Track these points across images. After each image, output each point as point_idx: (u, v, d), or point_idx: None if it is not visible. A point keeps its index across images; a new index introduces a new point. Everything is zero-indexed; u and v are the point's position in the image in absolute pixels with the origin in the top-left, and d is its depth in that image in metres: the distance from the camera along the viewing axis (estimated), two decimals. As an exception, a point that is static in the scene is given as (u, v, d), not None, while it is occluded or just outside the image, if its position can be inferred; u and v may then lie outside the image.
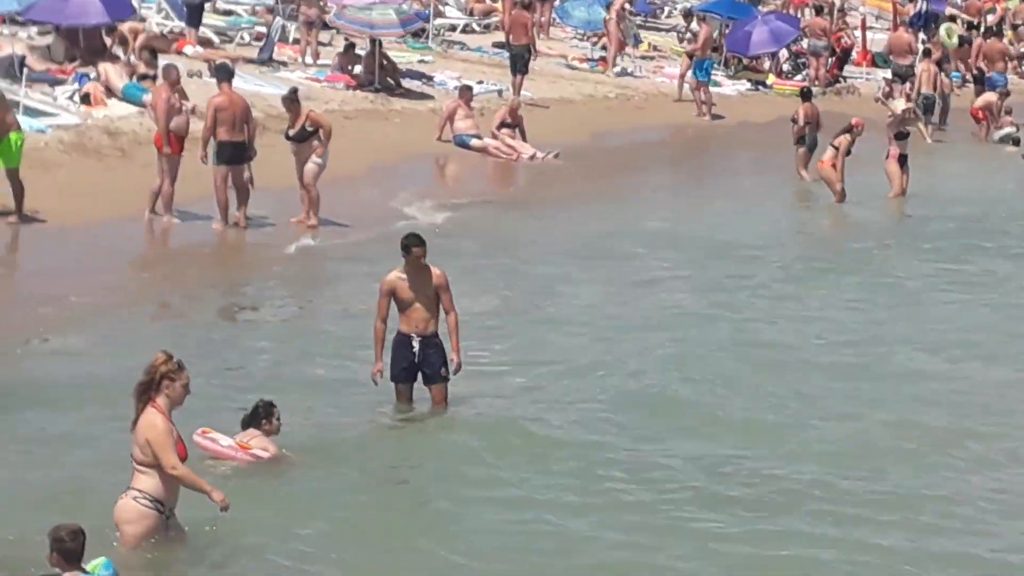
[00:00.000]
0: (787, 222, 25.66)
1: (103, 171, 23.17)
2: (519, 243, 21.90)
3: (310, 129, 21.56)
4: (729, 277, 20.36)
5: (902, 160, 26.41)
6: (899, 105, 28.19)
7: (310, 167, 21.52)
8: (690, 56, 35.13)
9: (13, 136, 19.98)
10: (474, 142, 28.26)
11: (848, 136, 25.78)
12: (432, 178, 27.47)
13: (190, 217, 21.55)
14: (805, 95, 29.75)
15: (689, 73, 34.59)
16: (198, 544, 10.60)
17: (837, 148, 25.76)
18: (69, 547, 9.13)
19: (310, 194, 21.70)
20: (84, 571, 9.11)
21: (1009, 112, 35.18)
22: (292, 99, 22.09)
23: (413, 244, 13.86)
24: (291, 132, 21.74)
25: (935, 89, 34.66)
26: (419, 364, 14.07)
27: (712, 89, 34.90)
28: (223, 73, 22.14)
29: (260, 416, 12.27)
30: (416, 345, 13.99)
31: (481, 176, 27.57)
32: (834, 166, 25.82)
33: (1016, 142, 34.01)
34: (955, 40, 39.38)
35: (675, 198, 27.32)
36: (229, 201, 21.15)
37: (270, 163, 22.01)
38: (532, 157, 28.25)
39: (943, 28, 39.57)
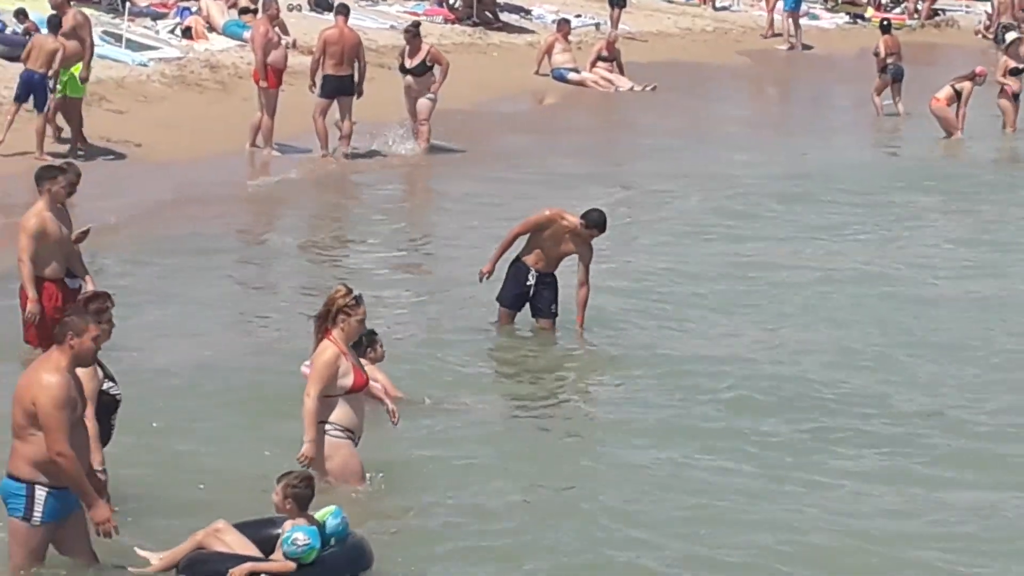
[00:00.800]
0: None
1: (204, 104, 23.12)
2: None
3: (429, 64, 21.58)
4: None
5: (1015, 96, 25.81)
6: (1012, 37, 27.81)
7: (425, 102, 21.63)
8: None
9: (77, 67, 19.67)
10: (572, 75, 27.93)
11: (970, 83, 25.24)
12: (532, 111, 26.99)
13: (291, 150, 21.46)
14: (884, 27, 29.55)
15: (780, 3, 34.06)
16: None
17: (959, 93, 25.21)
18: (302, 492, 9.11)
19: (424, 127, 21.78)
20: (311, 517, 9.02)
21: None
22: (414, 33, 22.14)
23: (595, 225, 13.90)
24: (408, 64, 21.71)
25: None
26: (531, 297, 14.14)
27: (811, 22, 34.49)
28: (341, 7, 22.09)
29: (364, 345, 11.91)
30: (532, 280, 14.09)
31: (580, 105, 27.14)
32: (949, 106, 25.31)
33: None
34: None
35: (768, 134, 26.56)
36: (329, 133, 21.04)
37: (367, 96, 21.73)
38: (631, 89, 27.89)
39: None
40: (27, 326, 12.32)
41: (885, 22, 30.63)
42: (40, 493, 8.69)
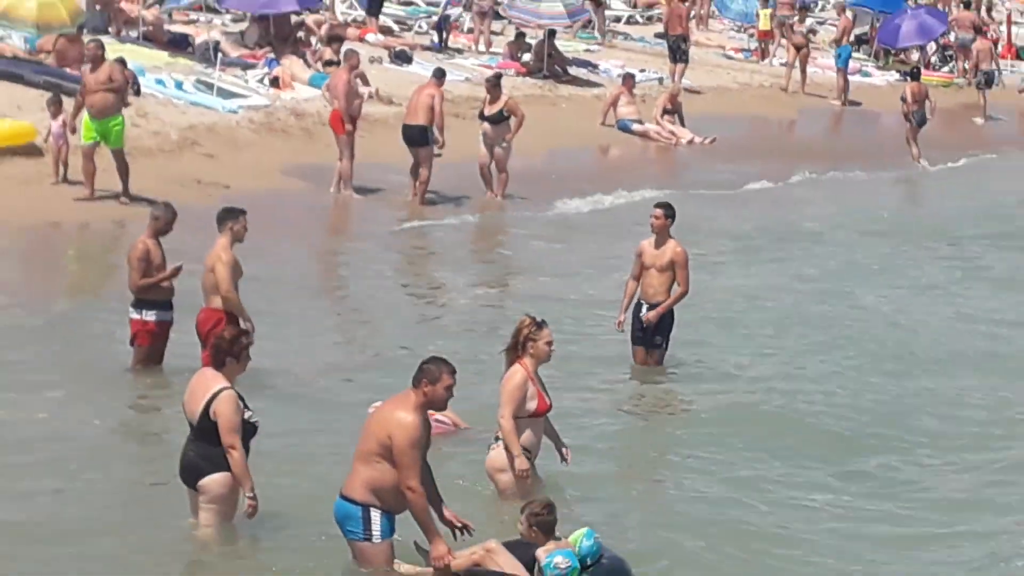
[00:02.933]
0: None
1: (290, 150, 23.07)
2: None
3: (506, 114, 21.59)
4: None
5: None
6: None
7: (500, 152, 21.66)
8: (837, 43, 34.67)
9: (117, 119, 19.17)
10: (636, 127, 27.70)
11: None
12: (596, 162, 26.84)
13: (368, 191, 21.52)
14: (913, 75, 29.78)
15: (840, 56, 33.71)
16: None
17: None
18: (546, 520, 9.13)
19: (503, 175, 21.87)
20: (562, 541, 9.07)
21: None
22: (495, 83, 22.29)
23: (657, 209, 13.94)
24: (487, 112, 21.75)
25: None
26: (649, 331, 14.03)
27: (862, 79, 34.23)
28: (437, 71, 22.52)
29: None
30: (644, 311, 13.92)
31: (643, 158, 26.92)
32: None
33: None
34: None
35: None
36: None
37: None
38: (690, 142, 27.65)
39: None
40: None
41: (915, 70, 30.92)
42: (375, 515, 8.97)
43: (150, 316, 13.04)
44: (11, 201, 18.69)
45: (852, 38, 35.94)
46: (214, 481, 9.58)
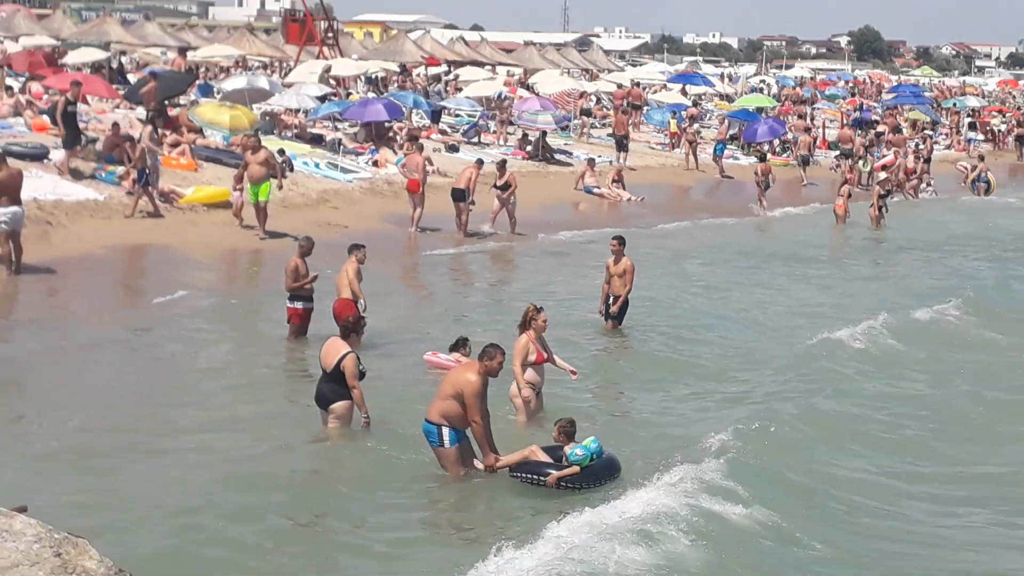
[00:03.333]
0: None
1: (385, 204, 23.09)
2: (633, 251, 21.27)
3: (510, 184, 21.60)
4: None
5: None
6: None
7: (510, 207, 21.70)
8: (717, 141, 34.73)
9: (268, 183, 18.86)
10: (596, 190, 27.65)
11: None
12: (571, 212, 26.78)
13: (430, 230, 21.48)
14: (761, 158, 29.67)
15: (717, 148, 33.69)
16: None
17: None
18: (568, 429, 9.01)
19: (513, 219, 21.84)
20: (578, 443, 8.94)
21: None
22: (502, 165, 22.32)
23: (614, 241, 14.13)
24: (498, 183, 21.71)
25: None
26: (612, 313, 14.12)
27: (734, 161, 34.22)
28: (479, 161, 22.66)
29: (459, 346, 11.84)
30: (611, 300, 14.06)
31: (599, 212, 26.86)
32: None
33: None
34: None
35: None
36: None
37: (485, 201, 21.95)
38: (629, 200, 27.60)
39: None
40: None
41: (763, 155, 31.02)
42: (445, 430, 8.88)
43: (298, 305, 13.10)
44: (216, 235, 18.93)
45: (728, 136, 35.78)
46: (340, 406, 9.81)
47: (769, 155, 36.12)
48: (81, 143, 20.43)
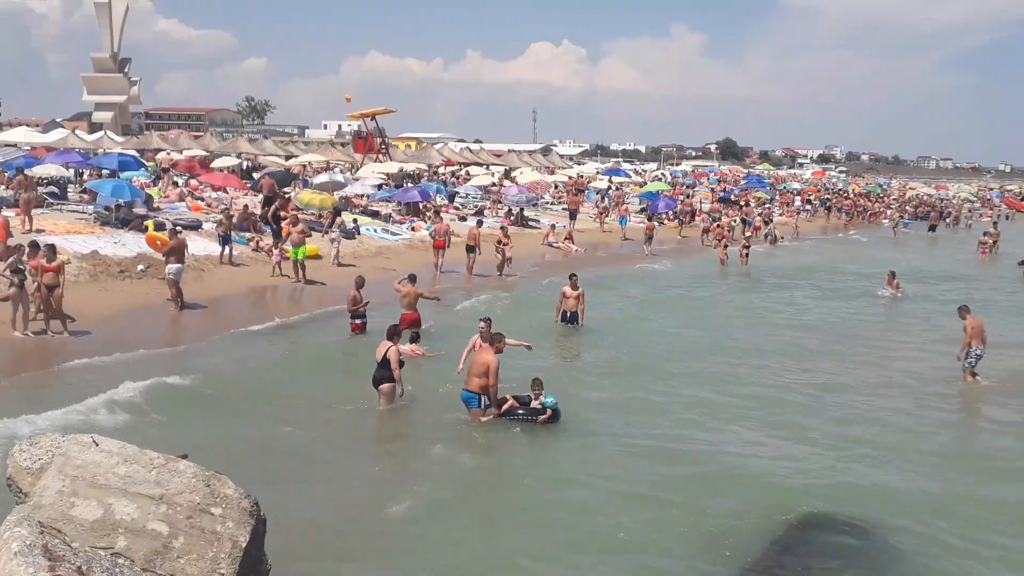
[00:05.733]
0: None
1: (420, 256, 22.68)
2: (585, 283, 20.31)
3: (504, 242, 21.21)
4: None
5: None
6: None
7: (501, 259, 21.05)
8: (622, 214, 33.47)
9: (305, 247, 17.56)
10: (555, 245, 27.42)
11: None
12: (539, 260, 26.40)
13: (452, 272, 21.03)
14: (650, 217, 29.19)
15: (621, 220, 32.72)
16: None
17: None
18: (540, 389, 8.79)
19: (506, 258, 21.33)
20: (546, 396, 8.75)
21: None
22: (504, 229, 22.00)
23: (571, 277, 13.63)
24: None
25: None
26: (571, 319, 13.67)
27: (639, 224, 33.59)
28: (478, 221, 22.39)
29: (414, 340, 11.68)
30: (568, 315, 13.74)
31: (558, 258, 26.48)
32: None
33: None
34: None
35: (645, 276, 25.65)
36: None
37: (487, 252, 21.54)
38: (577, 251, 27.31)
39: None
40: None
41: (650, 214, 30.39)
42: (480, 398, 8.64)
43: (357, 321, 12.87)
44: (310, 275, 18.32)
45: (638, 209, 35.45)
46: (387, 386, 9.63)
47: (665, 220, 36.39)
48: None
